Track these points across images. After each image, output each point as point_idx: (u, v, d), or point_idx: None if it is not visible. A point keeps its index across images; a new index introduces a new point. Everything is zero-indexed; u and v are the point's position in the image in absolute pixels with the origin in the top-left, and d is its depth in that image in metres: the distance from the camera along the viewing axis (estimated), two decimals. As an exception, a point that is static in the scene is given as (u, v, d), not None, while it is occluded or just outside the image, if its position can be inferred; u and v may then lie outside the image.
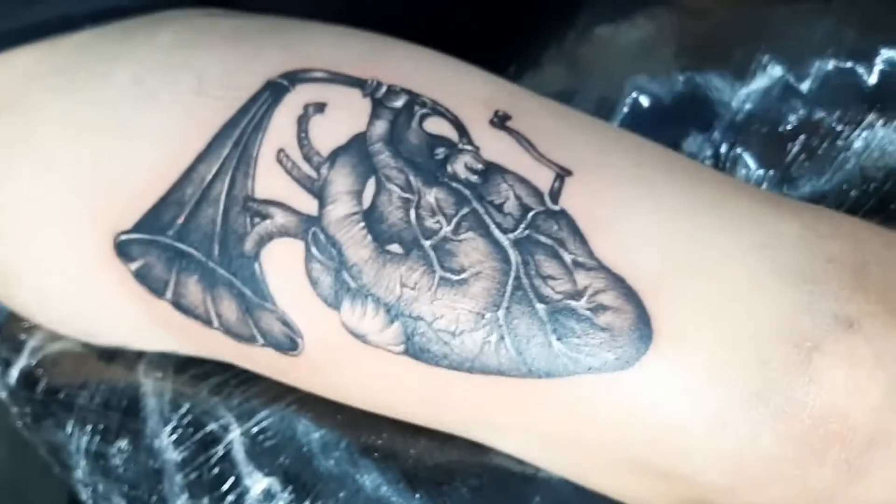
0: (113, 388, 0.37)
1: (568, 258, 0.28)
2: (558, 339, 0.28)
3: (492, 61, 0.39)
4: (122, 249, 0.32)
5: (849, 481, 0.28)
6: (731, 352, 0.27)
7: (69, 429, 0.38)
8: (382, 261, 0.29)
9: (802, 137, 0.36)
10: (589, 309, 0.28)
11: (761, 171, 0.36)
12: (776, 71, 0.36)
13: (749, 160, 0.36)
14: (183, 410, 0.36)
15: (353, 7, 0.40)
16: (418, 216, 0.29)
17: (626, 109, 0.37)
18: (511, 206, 0.29)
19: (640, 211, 0.28)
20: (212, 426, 0.35)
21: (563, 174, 0.29)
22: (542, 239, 0.28)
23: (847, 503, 0.28)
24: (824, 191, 0.36)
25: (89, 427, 0.37)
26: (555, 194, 0.29)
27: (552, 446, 0.30)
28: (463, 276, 0.28)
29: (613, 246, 0.28)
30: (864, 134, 0.36)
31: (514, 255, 0.28)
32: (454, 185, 0.29)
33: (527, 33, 0.41)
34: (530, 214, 0.28)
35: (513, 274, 0.28)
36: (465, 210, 0.29)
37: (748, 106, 0.36)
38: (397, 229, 0.29)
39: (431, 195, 0.29)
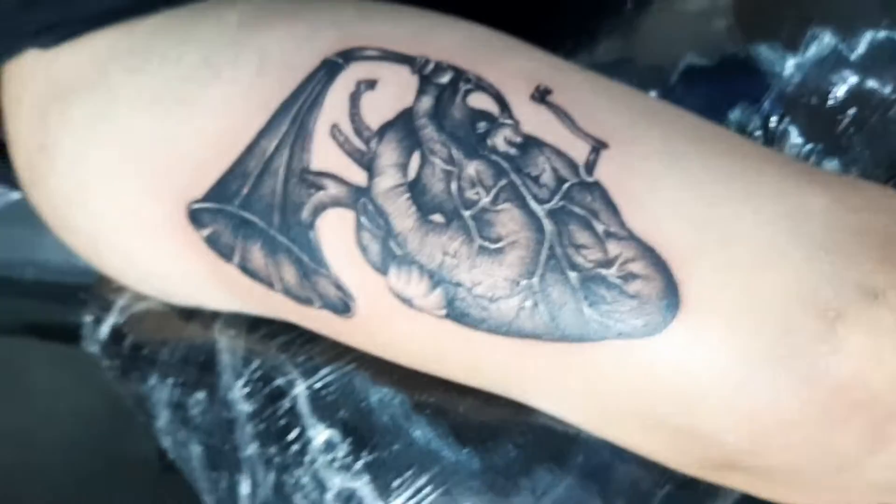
0: (191, 345, 0.40)
1: (600, 228, 0.29)
2: (590, 305, 0.29)
3: (549, 35, 0.40)
4: (194, 217, 0.34)
5: (873, 448, 0.28)
6: (754, 320, 0.28)
7: (152, 381, 0.41)
8: (425, 230, 0.31)
9: (853, 108, 0.36)
10: (619, 277, 0.29)
11: (810, 144, 0.36)
12: (828, 41, 0.36)
13: (797, 131, 0.36)
14: (254, 366, 0.39)
15: None
16: (459, 188, 0.30)
17: (678, 80, 0.38)
18: (547, 177, 0.30)
19: (670, 183, 0.29)
20: (279, 381, 0.38)
21: (598, 147, 0.30)
22: (576, 210, 0.30)
23: (872, 470, 0.29)
24: (875, 161, 0.36)
25: (170, 380, 0.40)
26: (590, 166, 0.30)
27: (584, 406, 0.32)
28: (500, 244, 0.30)
29: (644, 217, 0.29)
30: (918, 104, 0.36)
31: (548, 225, 0.30)
32: (493, 157, 0.30)
33: (584, 6, 0.42)
34: (565, 186, 0.30)
35: (547, 243, 0.30)
36: (503, 182, 0.30)
37: (798, 77, 0.36)
38: (439, 200, 0.31)
39: (472, 167, 0.31)
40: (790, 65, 0.36)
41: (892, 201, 0.30)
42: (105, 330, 0.43)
